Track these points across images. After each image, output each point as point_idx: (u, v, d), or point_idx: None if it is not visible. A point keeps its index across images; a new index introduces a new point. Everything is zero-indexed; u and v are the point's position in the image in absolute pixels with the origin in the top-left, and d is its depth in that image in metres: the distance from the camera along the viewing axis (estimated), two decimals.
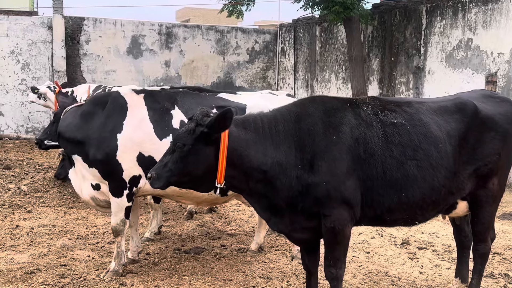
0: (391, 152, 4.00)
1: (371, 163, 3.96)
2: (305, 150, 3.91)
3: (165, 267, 5.68)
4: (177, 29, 18.22)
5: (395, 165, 3.99)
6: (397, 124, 4.10)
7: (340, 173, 3.87)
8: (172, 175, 3.85)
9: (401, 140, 4.05)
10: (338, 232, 3.94)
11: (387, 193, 4.01)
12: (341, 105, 4.13)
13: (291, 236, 4.22)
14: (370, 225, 4.53)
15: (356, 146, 3.94)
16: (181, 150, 3.80)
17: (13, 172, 10.09)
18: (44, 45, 16.17)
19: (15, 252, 6.13)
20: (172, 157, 3.85)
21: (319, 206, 3.91)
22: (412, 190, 4.04)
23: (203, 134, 3.80)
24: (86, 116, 5.22)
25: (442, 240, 6.89)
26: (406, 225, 4.47)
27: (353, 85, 13.46)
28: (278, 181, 3.89)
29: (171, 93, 5.54)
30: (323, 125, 3.97)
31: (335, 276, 4.08)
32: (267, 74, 19.34)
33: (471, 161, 4.26)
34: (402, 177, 4.01)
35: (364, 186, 3.96)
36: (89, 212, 7.98)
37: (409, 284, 5.38)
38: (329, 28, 16.55)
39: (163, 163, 3.88)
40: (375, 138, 4.00)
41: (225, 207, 8.48)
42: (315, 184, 3.86)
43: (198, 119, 3.85)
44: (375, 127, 4.05)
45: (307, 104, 4.16)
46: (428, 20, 12.92)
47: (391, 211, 4.09)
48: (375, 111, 4.16)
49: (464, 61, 11.91)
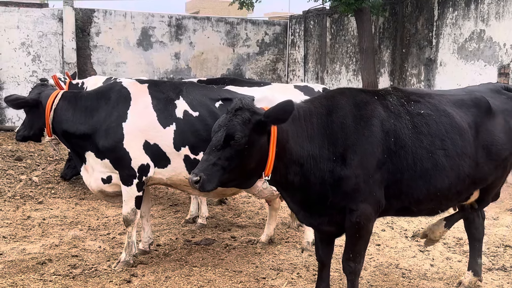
0: (421, 143, 4.00)
1: (401, 155, 3.95)
2: (337, 144, 3.87)
3: (176, 258, 5.70)
4: (187, 21, 18.18)
5: (425, 156, 3.99)
6: (424, 114, 4.10)
7: (370, 167, 3.86)
8: (224, 173, 3.63)
9: (429, 130, 4.05)
10: (362, 227, 3.93)
11: (416, 184, 4.00)
12: (370, 98, 4.11)
13: (319, 229, 4.20)
14: (395, 215, 4.56)
15: (387, 139, 3.93)
16: (238, 143, 3.58)
17: (24, 164, 10.16)
18: (54, 37, 16.21)
19: (27, 242, 6.18)
20: (222, 153, 3.60)
21: (348, 200, 3.88)
22: (441, 180, 4.04)
23: (260, 124, 3.64)
24: (91, 110, 5.26)
25: (453, 233, 6.85)
26: (429, 214, 4.51)
27: (364, 77, 13.37)
28: (312, 175, 3.84)
29: (176, 84, 5.58)
30: (354, 118, 3.94)
31: (353, 270, 4.07)
32: (277, 66, 19.27)
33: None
34: (432, 167, 4.00)
35: (393, 178, 3.95)
36: (100, 203, 8.01)
37: (420, 276, 5.36)
38: (340, 20, 16.44)
39: (211, 162, 3.60)
40: (405, 129, 4.00)
41: (235, 199, 8.49)
42: (347, 177, 3.83)
43: (249, 107, 3.69)
44: (403, 118, 4.05)
45: (337, 97, 4.11)
46: (440, 11, 12.78)
47: (419, 202, 4.10)
48: (401, 102, 4.15)
49: (476, 53, 11.78)
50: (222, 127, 3.66)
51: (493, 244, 6.38)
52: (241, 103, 3.70)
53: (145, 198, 5.69)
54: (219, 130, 3.66)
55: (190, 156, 5.20)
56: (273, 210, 6.31)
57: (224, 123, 3.66)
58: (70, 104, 5.33)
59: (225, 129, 3.63)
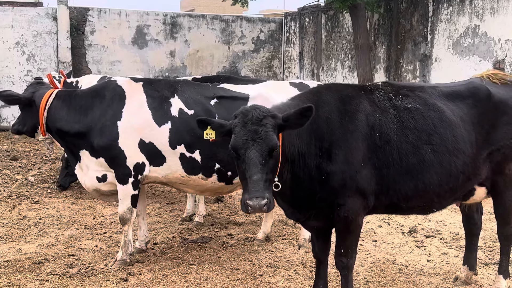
0: (406, 137, 3.96)
1: (387, 150, 3.92)
2: (323, 139, 3.84)
3: (173, 257, 5.70)
4: (182, 18, 18.16)
5: (411, 151, 3.95)
6: (411, 109, 4.06)
7: (356, 162, 3.83)
8: (271, 183, 3.54)
9: (416, 124, 4.00)
10: (351, 221, 3.92)
11: (403, 180, 3.96)
12: (356, 92, 4.09)
13: (306, 224, 4.21)
14: (386, 213, 4.49)
15: (372, 134, 3.91)
16: (277, 152, 3.49)
17: (20, 163, 10.14)
18: (49, 36, 16.17)
19: (23, 242, 6.16)
20: (267, 166, 3.44)
21: (335, 195, 3.87)
22: (429, 175, 3.99)
23: (280, 127, 3.54)
24: (86, 109, 5.26)
25: (450, 228, 6.87)
26: (422, 213, 4.43)
27: (359, 73, 13.38)
28: (301, 172, 3.82)
29: (171, 82, 5.58)
30: (339, 113, 3.92)
31: (346, 265, 4.06)
32: (273, 63, 19.27)
33: (485, 145, 4.20)
34: (418, 163, 3.96)
35: (380, 174, 3.92)
36: (96, 202, 8.00)
37: (416, 272, 5.37)
38: (335, 16, 16.44)
39: (263, 179, 3.40)
40: (390, 124, 3.97)
41: (232, 196, 8.48)
42: (333, 173, 3.81)
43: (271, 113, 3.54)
44: (389, 112, 4.01)
45: (323, 92, 4.09)
46: (435, 7, 12.80)
47: (407, 198, 4.05)
48: (388, 96, 4.12)
49: (471, 48, 11.80)
50: (255, 142, 3.44)
51: (489, 239, 6.39)
52: (261, 111, 3.54)
53: (141, 197, 5.68)
54: (254, 146, 3.43)
55: (186, 154, 5.19)
56: None
57: (256, 137, 3.44)
58: (64, 103, 5.32)
59: (262, 142, 3.43)
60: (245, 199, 3.36)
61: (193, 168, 5.26)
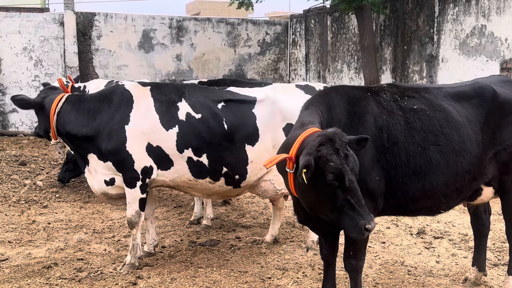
0: (413, 139, 3.95)
1: (394, 151, 3.92)
2: None
3: (181, 260, 5.71)
4: (188, 22, 18.21)
5: (418, 152, 3.94)
6: (417, 110, 4.06)
7: (366, 164, 3.82)
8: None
9: (422, 125, 4.00)
10: None
11: (411, 181, 3.96)
12: (363, 94, 4.09)
13: (314, 226, 4.19)
14: (393, 214, 4.48)
15: (380, 135, 3.91)
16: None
17: (28, 168, 10.19)
18: (56, 41, 16.26)
19: (32, 247, 6.19)
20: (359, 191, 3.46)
21: None
22: (436, 176, 3.99)
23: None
24: (94, 113, 5.31)
25: (458, 229, 6.84)
26: (430, 214, 4.42)
27: (366, 74, 13.36)
28: None
29: (178, 86, 5.61)
30: (349, 115, 3.94)
31: (355, 268, 4.05)
32: (279, 65, 19.27)
33: (491, 145, 4.19)
34: (425, 164, 3.95)
35: (388, 175, 3.91)
36: (105, 206, 8.03)
37: (425, 273, 5.35)
38: (341, 18, 16.43)
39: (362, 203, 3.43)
40: (397, 126, 3.97)
41: (239, 199, 8.49)
42: None
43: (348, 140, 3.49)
44: (396, 114, 4.01)
45: (332, 94, 4.10)
46: (441, 7, 12.76)
47: (415, 199, 4.04)
48: (394, 98, 4.12)
49: (478, 48, 11.75)
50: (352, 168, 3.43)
51: (498, 240, 6.36)
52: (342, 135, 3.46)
53: (149, 200, 5.70)
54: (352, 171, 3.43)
55: (193, 158, 5.21)
56: (277, 209, 6.31)
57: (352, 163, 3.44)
58: (73, 107, 5.38)
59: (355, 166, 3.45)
60: (363, 224, 3.34)
61: (201, 172, 5.27)
